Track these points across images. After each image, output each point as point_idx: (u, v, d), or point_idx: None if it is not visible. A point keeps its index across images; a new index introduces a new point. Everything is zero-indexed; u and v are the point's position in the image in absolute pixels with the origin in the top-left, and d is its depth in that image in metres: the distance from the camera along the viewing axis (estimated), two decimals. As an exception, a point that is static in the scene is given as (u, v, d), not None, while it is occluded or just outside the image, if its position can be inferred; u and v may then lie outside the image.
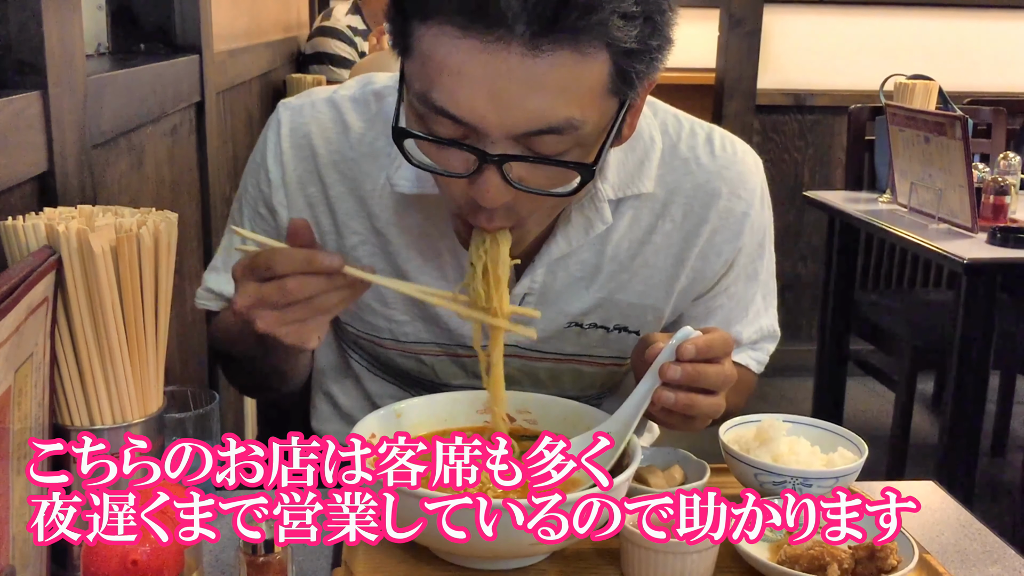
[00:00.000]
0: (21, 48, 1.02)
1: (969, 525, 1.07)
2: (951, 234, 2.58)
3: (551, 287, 1.13)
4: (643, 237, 1.13)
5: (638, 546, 0.89)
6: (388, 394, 1.26)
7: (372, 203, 1.11)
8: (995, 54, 4.08)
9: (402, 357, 1.20)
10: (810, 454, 1.05)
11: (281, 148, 1.12)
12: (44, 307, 0.81)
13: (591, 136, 0.91)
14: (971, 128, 2.62)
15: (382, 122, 1.11)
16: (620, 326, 1.17)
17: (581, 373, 1.20)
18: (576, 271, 1.13)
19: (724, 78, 3.99)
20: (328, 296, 0.90)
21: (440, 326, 1.16)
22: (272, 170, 1.13)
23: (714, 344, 0.94)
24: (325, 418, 1.34)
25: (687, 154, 1.13)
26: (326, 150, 1.12)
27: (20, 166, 0.98)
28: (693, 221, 1.14)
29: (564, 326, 1.16)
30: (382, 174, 1.10)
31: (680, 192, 1.13)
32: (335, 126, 1.12)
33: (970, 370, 2.46)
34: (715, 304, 1.20)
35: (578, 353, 1.18)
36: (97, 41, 1.68)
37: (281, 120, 1.14)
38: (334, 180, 1.12)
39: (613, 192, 1.10)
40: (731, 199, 1.14)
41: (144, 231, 0.85)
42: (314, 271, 0.88)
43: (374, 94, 1.14)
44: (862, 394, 3.77)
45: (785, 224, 4.05)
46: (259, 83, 2.66)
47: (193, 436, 1.01)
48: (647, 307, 1.16)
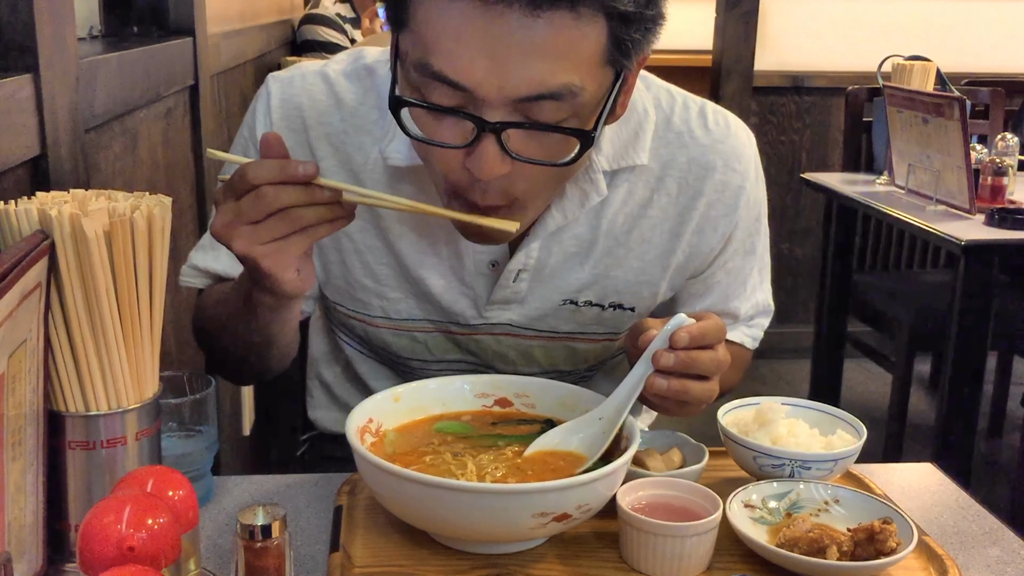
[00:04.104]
0: (12, 30, 1.01)
1: (968, 507, 1.07)
2: (949, 215, 2.57)
3: (546, 263, 1.13)
4: (638, 211, 1.13)
5: (637, 529, 0.89)
6: (381, 376, 1.26)
7: (364, 177, 1.10)
8: (993, 35, 4.07)
9: (395, 336, 1.19)
10: (809, 437, 1.05)
11: (271, 120, 1.11)
12: (37, 292, 0.80)
13: (588, 106, 0.91)
14: (969, 109, 2.61)
15: (374, 96, 1.10)
16: (615, 303, 1.16)
17: (575, 350, 1.20)
18: (571, 246, 1.13)
19: (721, 60, 3.97)
20: (305, 211, 0.89)
21: (432, 302, 1.15)
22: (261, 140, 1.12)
23: (707, 331, 0.94)
24: (320, 405, 1.34)
25: (681, 127, 1.13)
26: (317, 123, 1.11)
27: (12, 150, 0.97)
28: (688, 195, 1.13)
29: (559, 304, 1.15)
30: (374, 148, 1.09)
31: (675, 166, 1.13)
32: (326, 99, 1.11)
33: (967, 351, 2.46)
34: (713, 280, 1.19)
35: (573, 331, 1.18)
36: (89, 24, 1.67)
37: (271, 92, 1.12)
38: (325, 153, 1.11)
39: (608, 164, 1.09)
40: (726, 172, 1.14)
41: (138, 215, 0.84)
42: (288, 179, 0.87)
43: (366, 68, 1.13)
44: (859, 375, 3.77)
45: (782, 206, 4.04)
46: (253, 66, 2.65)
47: (189, 421, 1.01)
48: (643, 283, 1.16)
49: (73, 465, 0.85)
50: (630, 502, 0.92)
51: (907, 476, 1.14)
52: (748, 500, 0.98)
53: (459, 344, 1.19)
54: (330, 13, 3.40)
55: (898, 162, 2.83)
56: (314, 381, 1.33)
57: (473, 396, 1.07)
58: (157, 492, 0.78)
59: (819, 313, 3.25)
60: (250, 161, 0.89)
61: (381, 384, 1.23)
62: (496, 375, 1.10)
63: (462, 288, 1.14)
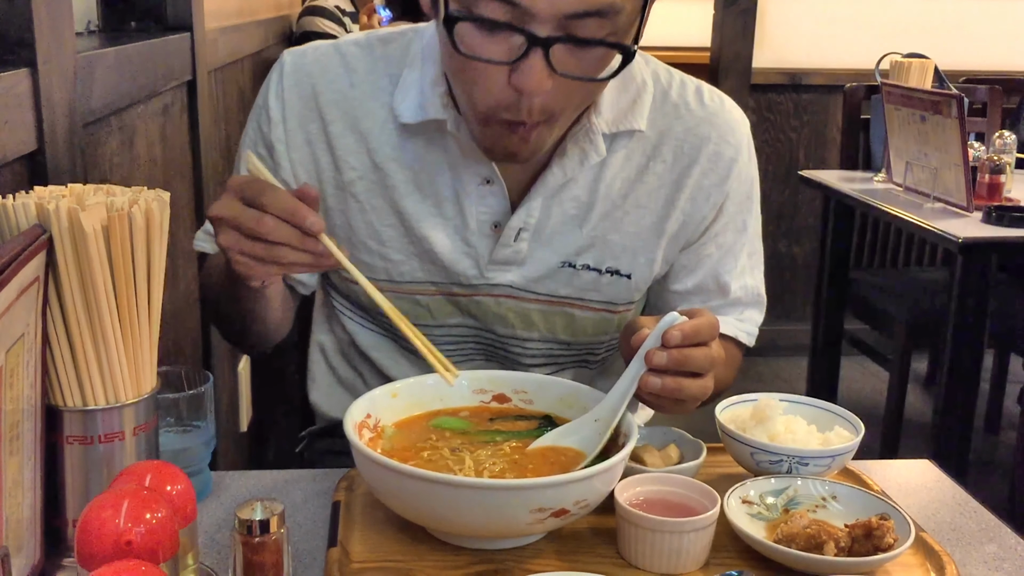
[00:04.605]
0: (9, 25, 1.01)
1: (965, 503, 1.07)
2: (946, 213, 2.57)
3: (545, 224, 1.16)
4: (635, 176, 1.17)
5: (635, 525, 0.89)
6: (382, 347, 1.27)
7: (372, 139, 1.14)
8: (991, 33, 4.07)
9: (397, 299, 1.19)
10: (807, 433, 1.05)
11: (283, 86, 1.16)
12: (35, 287, 0.80)
13: (624, 25, 0.95)
14: (967, 107, 2.61)
15: (384, 64, 1.16)
16: (612, 269, 1.19)
17: (573, 318, 1.21)
18: (570, 208, 1.16)
19: (719, 57, 3.97)
20: (291, 252, 0.92)
21: (436, 262, 1.17)
22: (273, 107, 1.16)
23: (700, 328, 0.95)
24: (322, 386, 1.34)
25: (677, 100, 1.18)
26: (327, 88, 1.15)
27: (10, 144, 0.97)
28: (683, 163, 1.17)
29: (557, 266, 1.17)
30: (383, 111, 1.14)
31: (671, 135, 1.17)
32: (338, 67, 1.16)
33: (964, 349, 2.47)
34: (704, 253, 1.22)
35: (571, 296, 1.20)
36: (87, 19, 1.66)
37: (285, 62, 1.18)
38: (334, 117, 1.15)
39: (607, 127, 1.13)
40: (720, 143, 1.18)
41: (136, 210, 0.84)
42: (294, 223, 0.90)
43: (378, 39, 1.18)
44: (856, 373, 3.78)
45: (780, 203, 4.04)
46: (251, 62, 2.64)
47: (187, 416, 1.01)
48: (639, 249, 1.19)
49: (71, 460, 0.85)
50: (628, 498, 0.92)
51: (904, 472, 1.14)
52: (746, 496, 0.98)
53: (460, 307, 1.20)
54: (329, 5, 3.40)
55: (896, 160, 2.83)
56: (315, 358, 1.35)
57: (471, 392, 1.07)
58: (155, 487, 0.77)
59: (816, 311, 3.25)
60: (275, 186, 0.92)
61: (382, 356, 1.26)
62: (494, 371, 1.10)
63: (465, 248, 1.16)
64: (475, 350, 1.24)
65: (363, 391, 1.27)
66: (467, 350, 1.24)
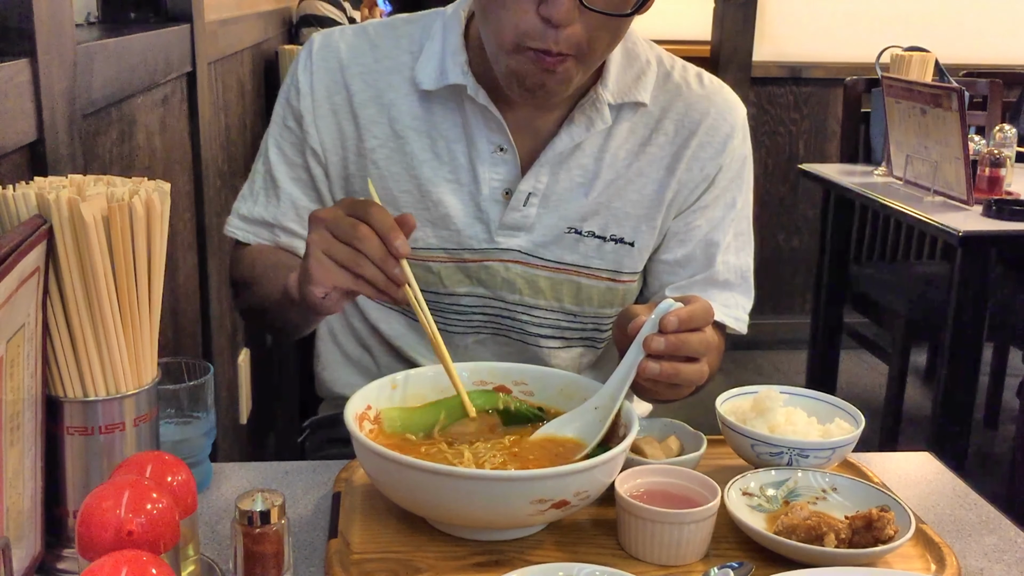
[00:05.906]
0: (9, 15, 1.01)
1: (965, 495, 1.07)
2: (946, 206, 2.58)
3: (553, 190, 1.21)
4: (638, 148, 1.24)
5: (635, 516, 0.89)
6: (392, 319, 1.29)
7: (393, 109, 1.22)
8: (991, 26, 4.06)
9: (409, 266, 1.21)
10: (807, 425, 1.05)
11: (312, 60, 1.24)
12: (35, 277, 0.80)
13: None
14: (967, 100, 2.61)
15: (408, 40, 1.23)
16: (616, 236, 1.24)
17: (580, 286, 1.25)
18: (577, 175, 1.22)
19: (719, 50, 3.97)
20: (370, 267, 0.95)
21: (449, 227, 1.22)
22: (302, 80, 1.23)
23: (695, 314, 0.97)
24: (330, 363, 1.36)
25: (679, 81, 1.26)
26: (353, 63, 1.23)
27: (10, 134, 0.97)
28: (683, 135, 1.24)
29: (564, 231, 1.23)
30: (405, 84, 1.21)
31: (672, 110, 1.25)
32: (364, 44, 1.24)
33: (964, 342, 2.47)
34: (694, 223, 1.26)
35: (576, 263, 1.24)
36: (87, 10, 1.66)
37: (313, 41, 1.26)
38: (359, 88, 1.22)
39: (612, 98, 1.20)
40: (717, 119, 1.25)
41: (136, 200, 0.84)
42: (385, 240, 0.95)
43: (403, 19, 1.27)
44: (855, 366, 3.78)
45: (780, 196, 4.04)
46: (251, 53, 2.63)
47: (187, 407, 1.01)
48: (641, 217, 1.24)
49: (71, 450, 0.85)
50: (628, 489, 0.92)
51: (904, 465, 1.14)
52: (746, 488, 0.98)
53: (470, 274, 1.24)
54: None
55: (896, 153, 2.83)
56: (323, 335, 1.35)
57: (471, 384, 1.07)
58: (156, 477, 0.78)
59: (816, 304, 3.26)
60: (380, 206, 0.98)
61: (391, 328, 1.29)
62: (494, 363, 1.10)
63: (477, 213, 1.21)
64: (483, 322, 1.26)
65: (371, 366, 1.30)
66: (475, 322, 1.26)
